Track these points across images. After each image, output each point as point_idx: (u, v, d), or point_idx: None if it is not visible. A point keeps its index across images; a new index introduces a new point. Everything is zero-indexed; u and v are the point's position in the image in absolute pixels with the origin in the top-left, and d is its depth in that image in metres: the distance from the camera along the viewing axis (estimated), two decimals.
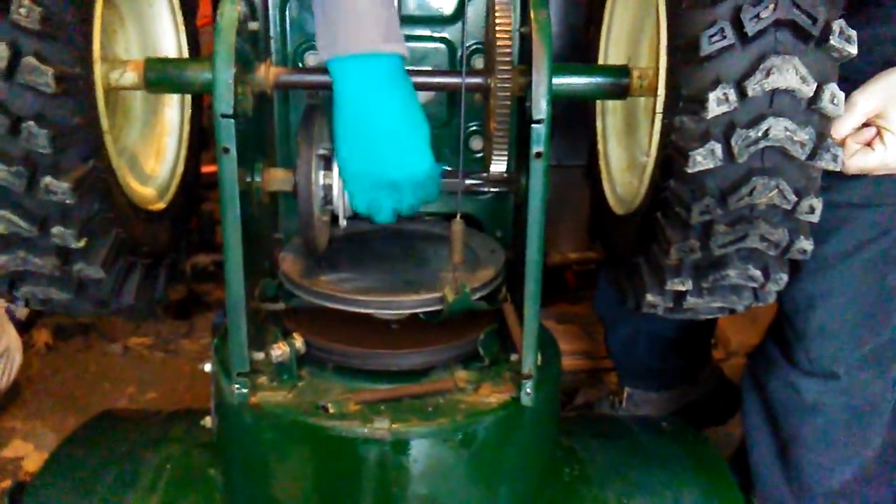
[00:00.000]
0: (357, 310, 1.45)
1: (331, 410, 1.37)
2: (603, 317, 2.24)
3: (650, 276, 1.34)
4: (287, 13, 1.62)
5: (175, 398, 2.57)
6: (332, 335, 1.47)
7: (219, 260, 3.18)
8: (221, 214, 1.27)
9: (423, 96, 1.71)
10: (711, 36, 1.10)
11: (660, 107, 1.25)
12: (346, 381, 1.44)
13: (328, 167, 1.41)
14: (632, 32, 1.59)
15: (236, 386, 1.38)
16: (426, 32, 1.67)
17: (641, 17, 1.55)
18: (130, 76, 1.35)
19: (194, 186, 1.67)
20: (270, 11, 1.59)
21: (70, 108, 1.15)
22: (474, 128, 1.71)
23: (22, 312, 2.74)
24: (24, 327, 2.74)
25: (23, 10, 1.08)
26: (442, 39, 1.68)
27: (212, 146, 1.68)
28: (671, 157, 1.21)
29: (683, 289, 1.28)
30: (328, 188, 1.42)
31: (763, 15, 1.08)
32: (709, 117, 1.12)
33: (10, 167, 1.12)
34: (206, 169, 1.82)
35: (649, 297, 1.34)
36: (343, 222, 1.45)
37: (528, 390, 1.38)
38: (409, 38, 1.61)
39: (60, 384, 2.62)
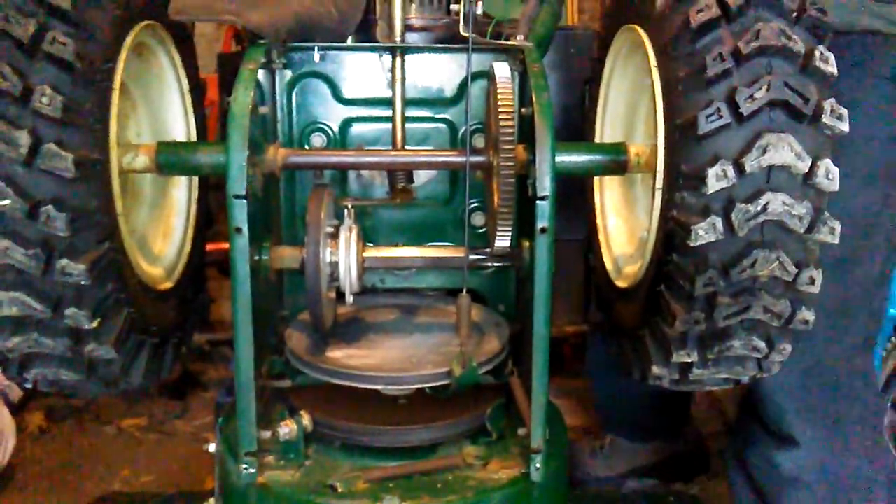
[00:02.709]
0: (364, 385, 1.45)
1: (339, 489, 1.36)
2: (591, 372, 2.30)
3: (655, 348, 1.36)
4: (293, 97, 1.68)
5: (170, 481, 2.52)
6: (339, 412, 1.47)
7: (215, 339, 3.18)
8: (233, 293, 1.29)
9: (426, 175, 1.76)
10: (708, 116, 1.16)
11: (659, 182, 1.30)
12: (353, 458, 1.44)
13: (335, 245, 1.44)
14: (627, 112, 1.65)
15: (244, 466, 1.37)
16: (428, 114, 1.73)
17: (636, 97, 1.61)
18: (143, 159, 1.39)
19: (200, 265, 1.70)
20: (278, 96, 1.65)
21: (88, 192, 1.18)
22: (475, 204, 1.76)
23: (15, 394, 2.71)
24: (16, 409, 2.70)
25: (45, 99, 1.13)
26: (443, 120, 1.73)
27: (218, 226, 1.71)
28: (673, 232, 1.25)
29: (689, 360, 1.30)
30: (335, 265, 1.45)
31: (757, 95, 1.14)
32: (709, 192, 1.17)
33: (27, 250, 1.14)
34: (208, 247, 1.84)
35: (655, 370, 1.36)
36: (350, 299, 1.47)
37: (538, 465, 1.38)
38: (411, 119, 1.68)
39: (54, 467, 2.56)
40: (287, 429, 1.41)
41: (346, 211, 1.48)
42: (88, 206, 1.18)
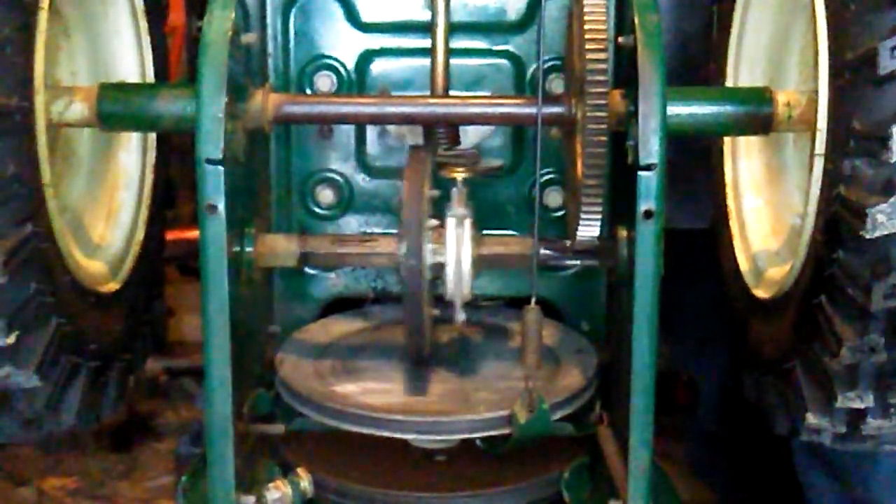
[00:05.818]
0: (387, 434, 1.46)
1: None
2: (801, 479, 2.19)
3: (811, 387, 1.35)
4: (291, 22, 1.70)
5: None
6: (352, 471, 1.49)
7: (174, 367, 3.22)
8: (203, 301, 1.31)
9: (478, 132, 1.77)
10: (894, 48, 1.15)
11: (820, 146, 1.29)
12: None
13: (438, 236, 1.43)
14: (773, 44, 1.64)
15: None
16: (483, 45, 1.73)
17: (787, 22, 1.60)
18: (79, 108, 1.42)
19: (157, 261, 1.73)
20: (269, 20, 1.67)
21: (3, 153, 1.21)
22: (549, 177, 1.76)
23: None
24: None
25: None
26: (504, 54, 1.74)
27: (181, 203, 1.74)
28: (839, 217, 1.24)
29: (862, 406, 1.29)
30: (438, 268, 1.44)
31: None
32: (893, 160, 1.16)
33: None
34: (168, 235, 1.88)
35: (811, 419, 1.35)
36: (461, 316, 1.47)
37: None
38: (459, 52, 1.68)
39: None
40: (278, 493, 1.43)
41: (455, 188, 1.47)
42: (2, 173, 1.20)
